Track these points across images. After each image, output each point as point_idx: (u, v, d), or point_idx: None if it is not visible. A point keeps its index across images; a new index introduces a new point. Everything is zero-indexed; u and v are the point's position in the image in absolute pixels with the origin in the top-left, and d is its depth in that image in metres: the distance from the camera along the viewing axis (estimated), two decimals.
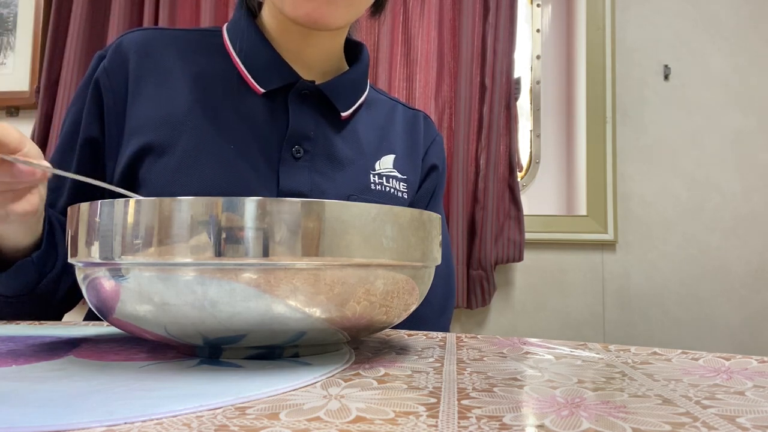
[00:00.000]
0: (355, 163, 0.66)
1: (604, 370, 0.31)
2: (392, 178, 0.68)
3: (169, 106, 0.60)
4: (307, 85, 0.63)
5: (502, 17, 1.52)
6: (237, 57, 0.63)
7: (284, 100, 0.63)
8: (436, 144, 0.76)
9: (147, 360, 0.31)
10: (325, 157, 0.64)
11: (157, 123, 0.59)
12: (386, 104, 0.75)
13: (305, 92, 0.63)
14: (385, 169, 0.68)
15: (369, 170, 0.67)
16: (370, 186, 0.66)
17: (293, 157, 0.62)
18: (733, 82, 1.59)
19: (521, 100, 1.71)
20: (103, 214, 0.29)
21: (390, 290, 0.31)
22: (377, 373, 0.29)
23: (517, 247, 1.50)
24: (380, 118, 0.72)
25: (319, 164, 0.63)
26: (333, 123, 0.66)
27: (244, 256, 0.27)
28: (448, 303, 0.74)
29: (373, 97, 0.73)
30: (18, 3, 1.69)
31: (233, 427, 0.19)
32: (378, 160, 0.68)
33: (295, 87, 0.63)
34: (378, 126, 0.71)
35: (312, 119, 0.64)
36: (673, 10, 1.61)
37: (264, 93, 0.62)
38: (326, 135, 0.65)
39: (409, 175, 0.70)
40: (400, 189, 0.68)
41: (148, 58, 0.62)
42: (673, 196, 1.57)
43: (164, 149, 0.58)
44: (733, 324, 1.53)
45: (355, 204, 0.29)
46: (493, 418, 0.21)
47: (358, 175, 0.65)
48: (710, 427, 0.20)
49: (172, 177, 0.57)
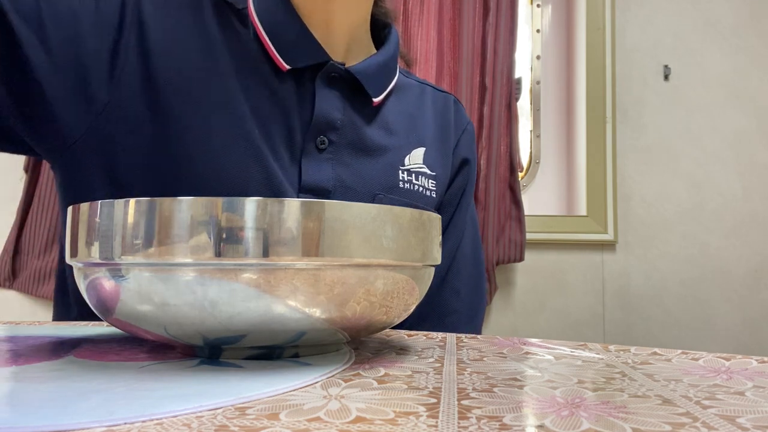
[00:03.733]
0: (384, 157, 0.61)
1: (604, 370, 0.31)
2: (421, 175, 0.63)
3: (197, 59, 0.53)
4: (337, 68, 0.57)
5: (502, 17, 1.52)
6: (261, 27, 0.56)
7: (311, 83, 0.57)
8: (468, 134, 0.71)
9: (147, 360, 0.31)
10: (352, 149, 0.59)
11: (184, 65, 0.51)
12: (415, 88, 0.69)
13: (334, 75, 0.58)
14: (415, 165, 0.63)
15: (398, 166, 0.62)
16: (398, 184, 0.61)
17: (317, 148, 0.56)
18: (733, 82, 1.59)
19: (521, 100, 1.72)
20: (103, 214, 0.29)
21: (390, 290, 0.31)
22: (377, 373, 0.29)
23: (518, 247, 1.50)
24: (410, 105, 0.66)
25: (345, 157, 0.58)
26: (362, 111, 0.60)
27: (244, 257, 0.27)
28: (477, 311, 0.69)
29: (402, 81, 0.67)
30: None
31: (233, 427, 0.19)
32: (408, 154, 0.63)
33: (324, 69, 0.57)
34: (407, 114, 0.65)
35: (340, 106, 0.58)
36: (673, 11, 1.61)
37: (289, 71, 0.56)
38: (354, 124, 0.59)
39: (438, 170, 0.65)
40: (429, 187, 0.64)
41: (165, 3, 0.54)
42: (673, 196, 1.57)
43: (189, 101, 0.52)
44: (733, 324, 1.53)
45: (356, 204, 0.29)
46: (493, 418, 0.21)
47: (386, 171, 0.60)
48: (710, 427, 0.20)
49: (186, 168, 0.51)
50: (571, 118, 1.70)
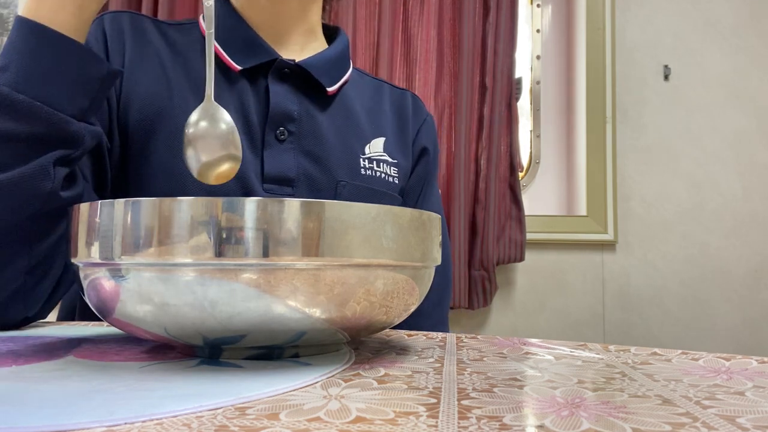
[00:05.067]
0: (345, 145, 0.64)
1: (604, 370, 0.31)
2: (383, 162, 0.67)
3: (156, 85, 0.59)
4: (287, 63, 0.62)
5: (502, 17, 1.52)
6: None
7: (264, 79, 0.61)
8: (427, 125, 0.74)
9: (147, 360, 0.31)
10: (312, 138, 0.62)
11: (147, 100, 0.58)
12: (372, 85, 0.73)
13: (285, 71, 0.62)
14: (376, 153, 0.66)
15: (359, 153, 0.65)
16: (360, 171, 0.64)
17: (277, 139, 0.60)
18: (733, 82, 1.59)
19: (521, 100, 1.72)
20: (103, 214, 0.29)
21: (390, 290, 0.31)
22: (377, 373, 0.29)
23: (518, 247, 1.50)
24: (367, 100, 0.70)
25: (305, 146, 0.61)
26: (319, 102, 0.64)
27: (244, 257, 0.27)
28: (444, 296, 0.72)
29: (358, 77, 0.72)
30: (18, 3, 1.69)
31: (233, 427, 0.19)
32: (368, 143, 0.66)
33: (275, 65, 0.61)
34: (365, 108, 0.69)
35: (295, 98, 0.62)
36: (673, 10, 1.61)
37: (242, 71, 0.61)
38: (311, 114, 0.63)
39: (399, 158, 0.69)
40: (390, 174, 0.67)
41: (138, 34, 0.60)
42: (673, 196, 1.57)
43: (153, 129, 0.57)
44: (733, 324, 1.53)
45: (356, 204, 0.29)
46: (493, 418, 0.21)
47: (347, 158, 0.64)
48: (710, 427, 0.20)
49: (153, 165, 0.56)
50: (571, 118, 1.70)
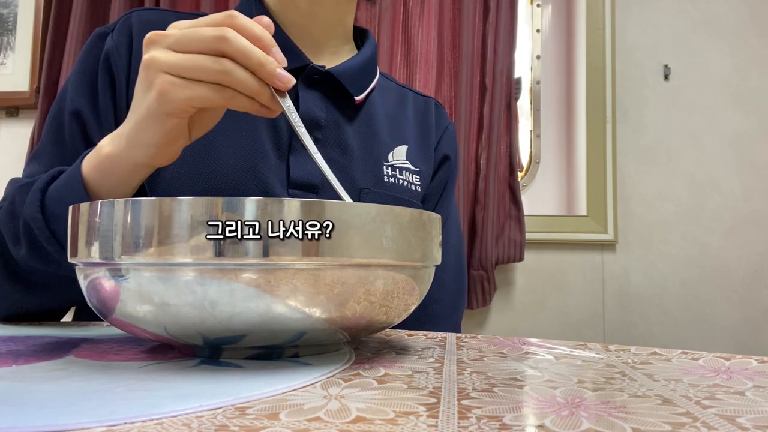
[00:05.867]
0: (368, 153, 0.65)
1: (604, 370, 0.31)
2: (405, 170, 0.67)
3: None
4: (317, 70, 0.61)
5: (502, 17, 1.52)
6: None
7: (294, 86, 0.62)
8: (449, 133, 0.75)
9: (147, 360, 0.31)
10: (337, 146, 0.62)
11: None
12: (397, 91, 0.73)
13: (315, 77, 0.62)
14: (398, 161, 0.67)
15: (382, 162, 0.65)
16: (383, 178, 0.65)
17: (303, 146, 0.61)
18: (733, 82, 1.59)
19: (521, 100, 1.71)
20: (103, 214, 0.29)
21: (390, 290, 0.31)
22: (377, 373, 0.29)
23: (518, 247, 1.50)
24: (391, 106, 0.71)
25: (330, 154, 0.62)
26: (345, 110, 0.64)
27: (244, 256, 0.27)
28: (459, 301, 0.73)
29: (384, 83, 0.72)
30: (18, 3, 1.69)
31: (233, 427, 0.19)
32: (391, 150, 0.67)
33: (305, 72, 0.61)
34: (390, 114, 0.70)
35: (323, 106, 0.62)
36: (673, 10, 1.61)
37: None
38: (338, 123, 0.63)
39: (421, 166, 0.69)
40: (413, 182, 0.67)
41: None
42: (673, 196, 1.57)
43: None
44: (733, 324, 1.53)
45: (356, 204, 0.29)
46: (493, 418, 0.21)
47: (371, 166, 0.64)
48: (710, 427, 0.20)
49: (182, 166, 0.55)
50: (571, 118, 1.70)
